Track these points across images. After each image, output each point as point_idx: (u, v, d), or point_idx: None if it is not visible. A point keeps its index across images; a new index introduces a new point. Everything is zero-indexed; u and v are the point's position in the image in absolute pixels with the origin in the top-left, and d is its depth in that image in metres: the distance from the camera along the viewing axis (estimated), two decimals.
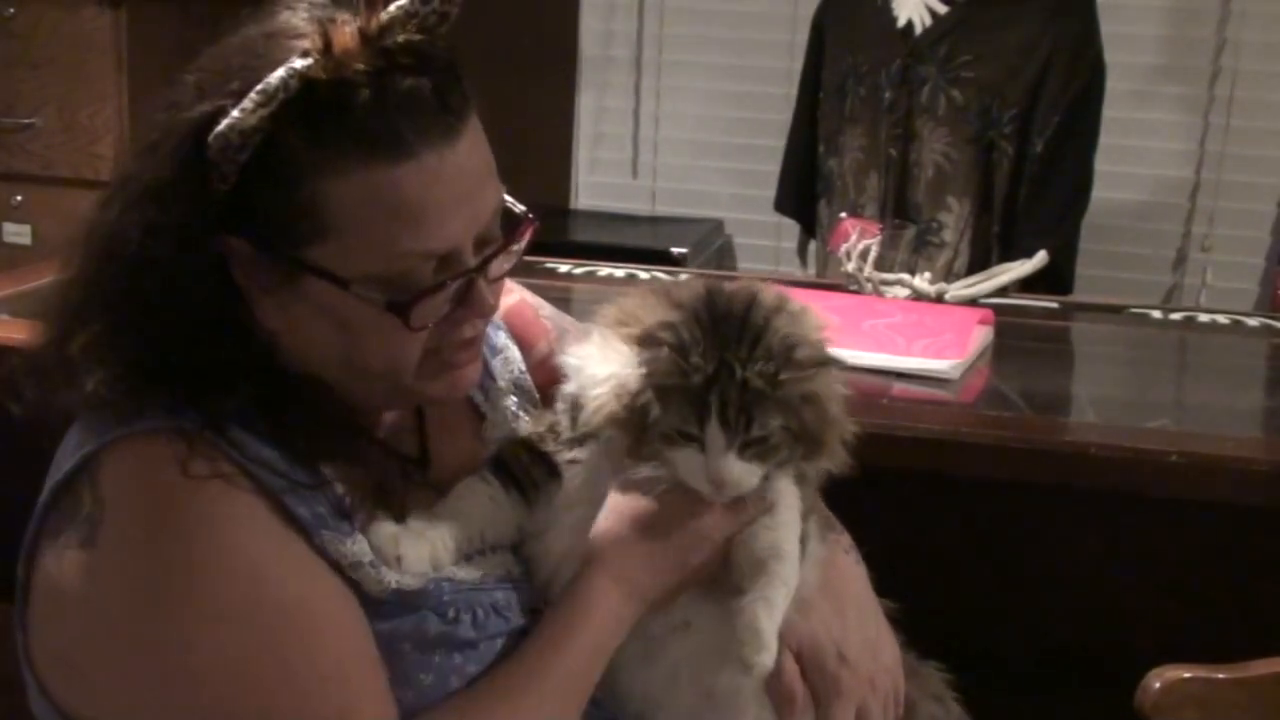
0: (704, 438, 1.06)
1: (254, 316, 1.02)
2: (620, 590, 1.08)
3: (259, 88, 0.95)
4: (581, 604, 1.07)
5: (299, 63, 0.95)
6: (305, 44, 0.97)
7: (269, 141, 0.95)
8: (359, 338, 1.01)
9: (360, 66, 0.95)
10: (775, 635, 1.06)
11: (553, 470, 1.14)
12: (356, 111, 0.95)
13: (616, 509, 1.10)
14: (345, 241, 0.97)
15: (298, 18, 1.00)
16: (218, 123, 0.95)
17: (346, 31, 0.96)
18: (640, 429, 1.06)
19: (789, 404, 1.07)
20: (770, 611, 1.06)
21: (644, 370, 1.06)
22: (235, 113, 0.95)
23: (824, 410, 1.09)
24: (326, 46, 0.96)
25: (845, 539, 1.24)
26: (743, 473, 1.07)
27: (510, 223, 1.07)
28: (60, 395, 1.02)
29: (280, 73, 0.95)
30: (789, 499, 1.12)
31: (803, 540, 1.13)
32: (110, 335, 1.00)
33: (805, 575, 1.13)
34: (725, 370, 1.06)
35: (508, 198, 1.07)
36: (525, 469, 1.14)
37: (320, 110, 0.95)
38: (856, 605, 1.19)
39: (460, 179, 0.99)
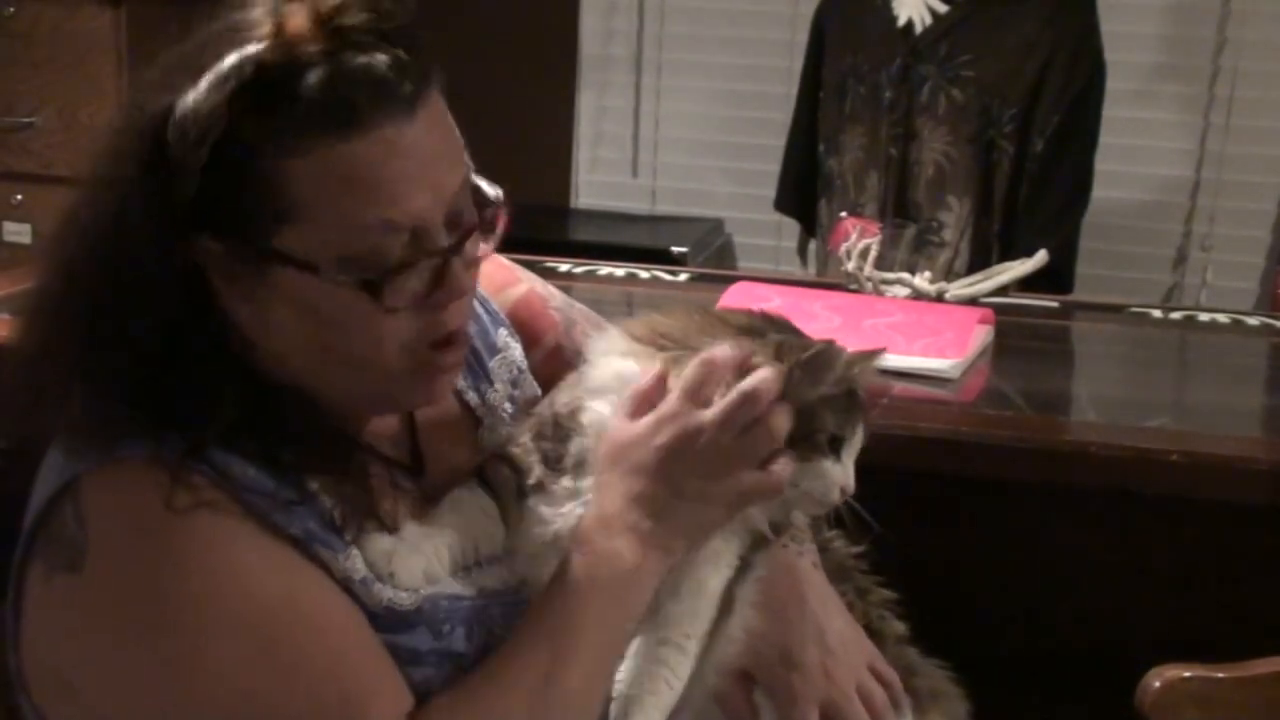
0: (850, 442, 1.05)
1: (231, 326, 1.01)
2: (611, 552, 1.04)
3: (212, 71, 0.95)
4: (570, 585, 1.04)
5: (251, 48, 0.96)
6: (260, 32, 0.97)
7: (228, 132, 0.95)
8: (334, 328, 0.99)
9: (312, 48, 0.96)
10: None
11: (521, 494, 1.11)
12: (309, 90, 0.95)
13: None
14: (310, 223, 0.96)
15: (254, 11, 1.00)
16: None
17: (298, 17, 0.97)
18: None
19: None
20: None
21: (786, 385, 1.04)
22: (190, 97, 0.95)
23: None
24: (278, 31, 0.96)
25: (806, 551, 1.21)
26: None
27: (483, 204, 1.05)
28: (39, 421, 1.01)
29: (232, 58, 0.95)
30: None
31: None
32: (84, 357, 0.99)
33: (741, 600, 1.13)
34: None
35: (479, 180, 1.05)
36: (504, 487, 1.11)
37: (273, 92, 0.95)
38: (797, 602, 1.15)
39: (419, 152, 0.98)
